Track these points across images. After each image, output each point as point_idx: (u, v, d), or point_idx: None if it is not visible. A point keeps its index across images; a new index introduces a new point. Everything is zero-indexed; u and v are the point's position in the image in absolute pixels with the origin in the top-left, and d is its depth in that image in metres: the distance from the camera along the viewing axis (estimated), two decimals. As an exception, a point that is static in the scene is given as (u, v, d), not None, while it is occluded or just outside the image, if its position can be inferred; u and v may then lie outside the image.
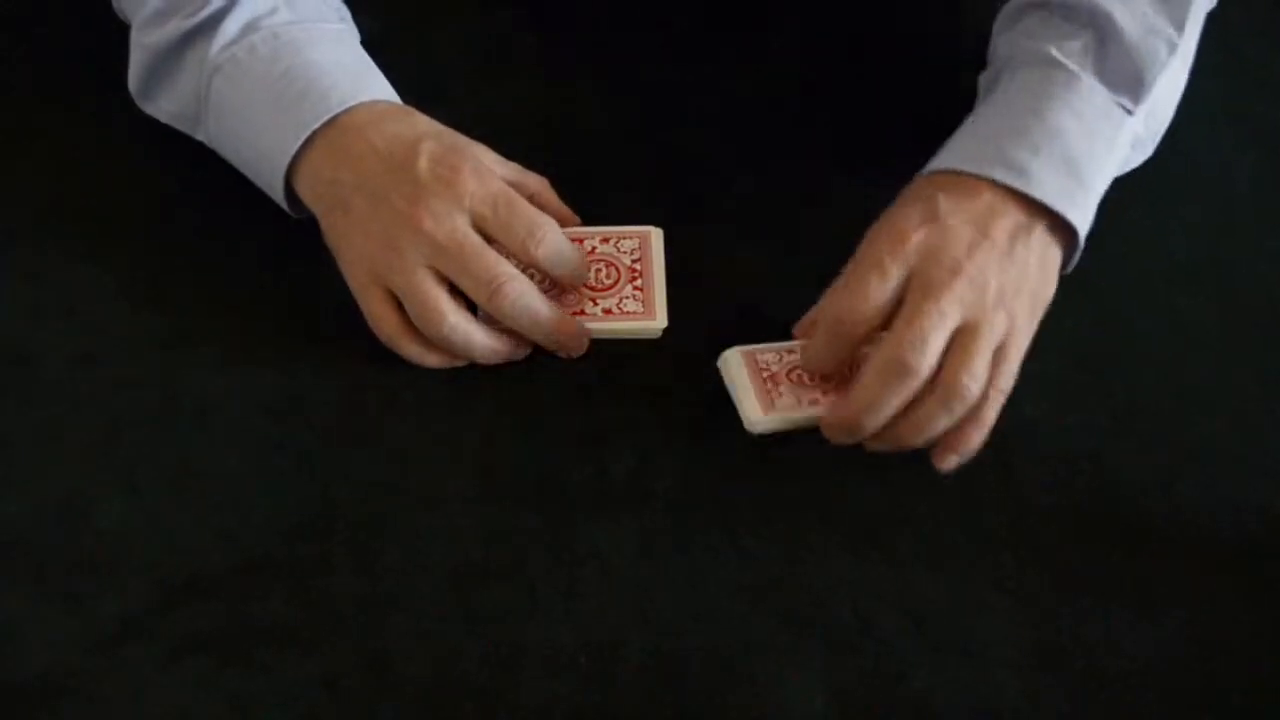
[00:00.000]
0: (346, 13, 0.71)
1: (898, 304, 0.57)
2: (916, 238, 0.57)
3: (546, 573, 0.58)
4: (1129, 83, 0.62)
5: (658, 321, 0.65)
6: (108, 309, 0.66)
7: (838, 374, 0.61)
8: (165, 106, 0.69)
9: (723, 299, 0.67)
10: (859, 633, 0.56)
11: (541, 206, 0.64)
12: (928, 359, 0.55)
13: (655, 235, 0.67)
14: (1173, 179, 0.73)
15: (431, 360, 0.63)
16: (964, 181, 0.59)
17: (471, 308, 0.62)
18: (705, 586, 0.58)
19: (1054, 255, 0.61)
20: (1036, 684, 0.55)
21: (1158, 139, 0.69)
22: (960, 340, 0.56)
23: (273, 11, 0.65)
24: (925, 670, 0.55)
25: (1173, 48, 0.62)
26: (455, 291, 0.61)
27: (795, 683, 0.55)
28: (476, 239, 0.60)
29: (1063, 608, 0.57)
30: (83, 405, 0.63)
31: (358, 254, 0.62)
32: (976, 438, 0.58)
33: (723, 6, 0.81)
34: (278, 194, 0.65)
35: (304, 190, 0.64)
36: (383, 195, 0.61)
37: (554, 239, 0.62)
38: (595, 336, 0.65)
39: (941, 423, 0.56)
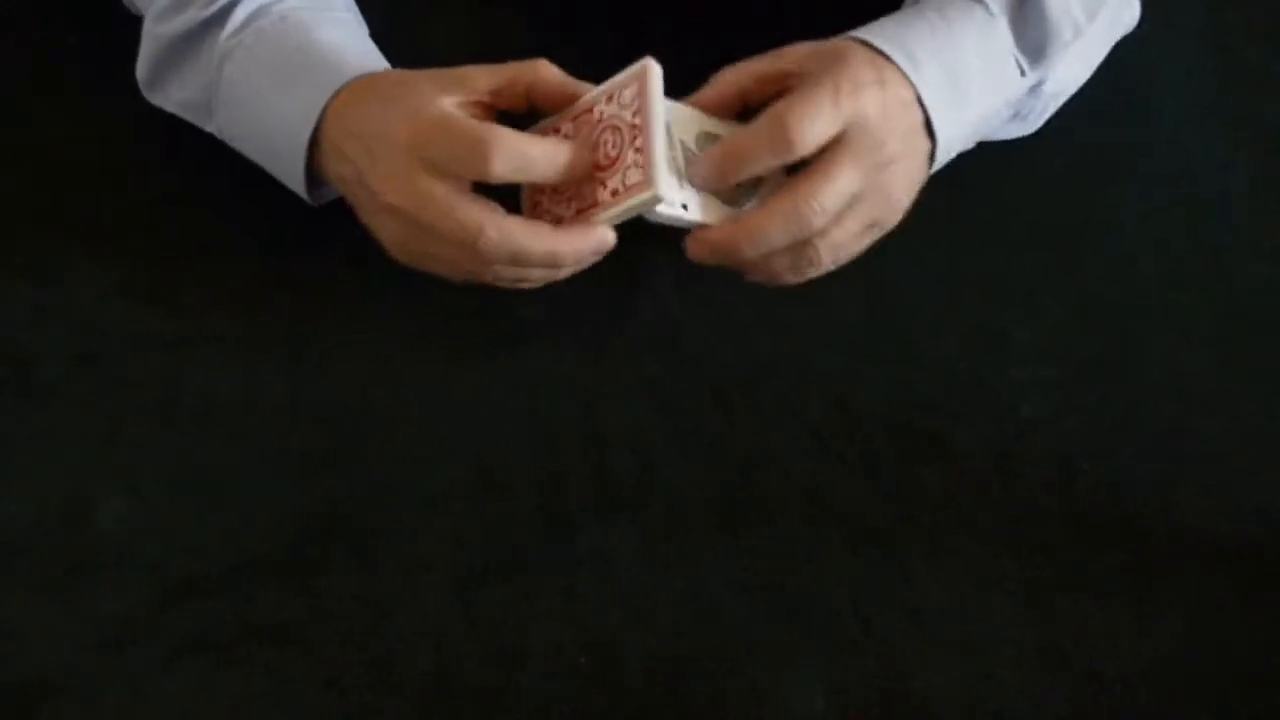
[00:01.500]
0: (354, 5, 0.70)
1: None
2: (868, 94, 0.59)
3: (546, 573, 0.58)
4: (1032, 47, 0.65)
5: (652, 191, 0.56)
6: (108, 309, 0.66)
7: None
8: (175, 95, 0.68)
9: (723, 298, 0.67)
10: (859, 632, 0.56)
11: (546, 93, 0.61)
12: (823, 221, 0.57)
13: (652, 71, 0.58)
14: (1172, 179, 0.73)
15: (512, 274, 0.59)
16: (889, 64, 0.61)
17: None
18: (705, 587, 0.58)
19: (927, 164, 0.63)
20: (1036, 684, 0.55)
21: (1043, 118, 0.70)
22: (846, 211, 0.58)
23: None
24: (925, 670, 0.55)
25: (1078, 33, 0.65)
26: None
27: (795, 683, 0.55)
28: (433, 192, 0.57)
29: (1063, 608, 0.57)
30: (83, 405, 0.63)
31: (383, 236, 0.61)
32: (786, 283, 0.61)
33: (723, 6, 0.81)
34: (297, 175, 0.63)
35: (328, 163, 0.62)
36: (367, 175, 0.59)
37: (506, 147, 0.56)
38: (620, 220, 0.58)
39: (786, 275, 0.60)
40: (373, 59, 0.65)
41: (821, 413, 0.63)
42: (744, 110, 0.62)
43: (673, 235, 0.68)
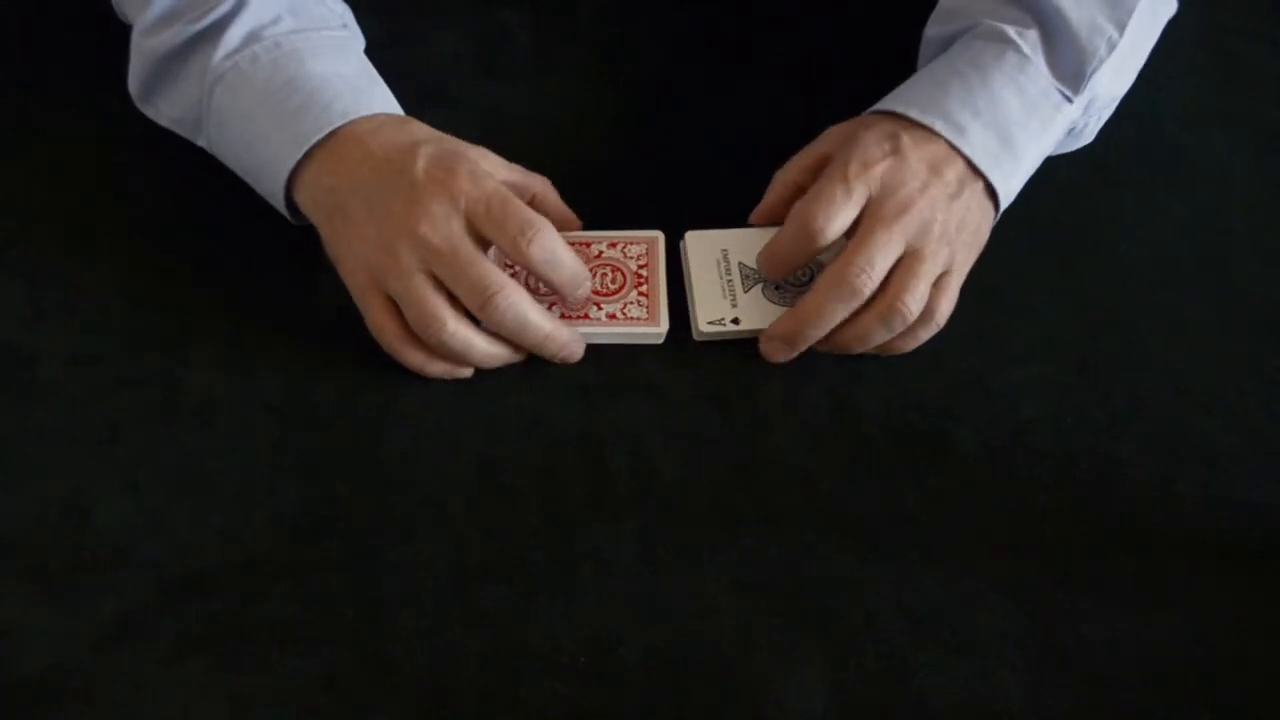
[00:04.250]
0: (350, 17, 0.70)
1: (855, 225, 0.62)
2: (881, 166, 0.62)
3: (546, 573, 0.58)
4: (1070, 74, 0.65)
5: (660, 327, 0.65)
6: (108, 309, 0.66)
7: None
8: (166, 111, 0.69)
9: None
10: (859, 632, 0.56)
11: (544, 208, 0.65)
12: (871, 281, 0.61)
13: (662, 241, 0.67)
14: (1171, 179, 0.74)
15: (434, 369, 0.63)
16: (917, 127, 0.64)
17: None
18: (705, 586, 0.58)
19: (989, 213, 0.65)
20: (1036, 684, 0.55)
21: (1098, 127, 0.71)
22: (905, 264, 0.61)
23: (276, 20, 0.65)
24: (925, 670, 0.55)
25: (1112, 46, 0.65)
26: (454, 298, 0.61)
27: (795, 683, 0.55)
28: (471, 246, 0.60)
29: (1063, 608, 0.57)
30: (83, 405, 0.63)
31: (356, 260, 0.62)
32: (907, 349, 0.65)
33: (723, 6, 0.81)
34: (278, 202, 0.65)
35: (303, 199, 0.64)
36: (380, 200, 0.61)
37: (547, 240, 0.61)
38: (599, 341, 0.65)
39: (879, 337, 0.63)
40: (364, 92, 0.65)
41: (821, 413, 0.63)
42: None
43: (672, 232, 0.68)
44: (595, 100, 0.76)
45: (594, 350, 0.65)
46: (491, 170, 0.63)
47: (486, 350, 0.62)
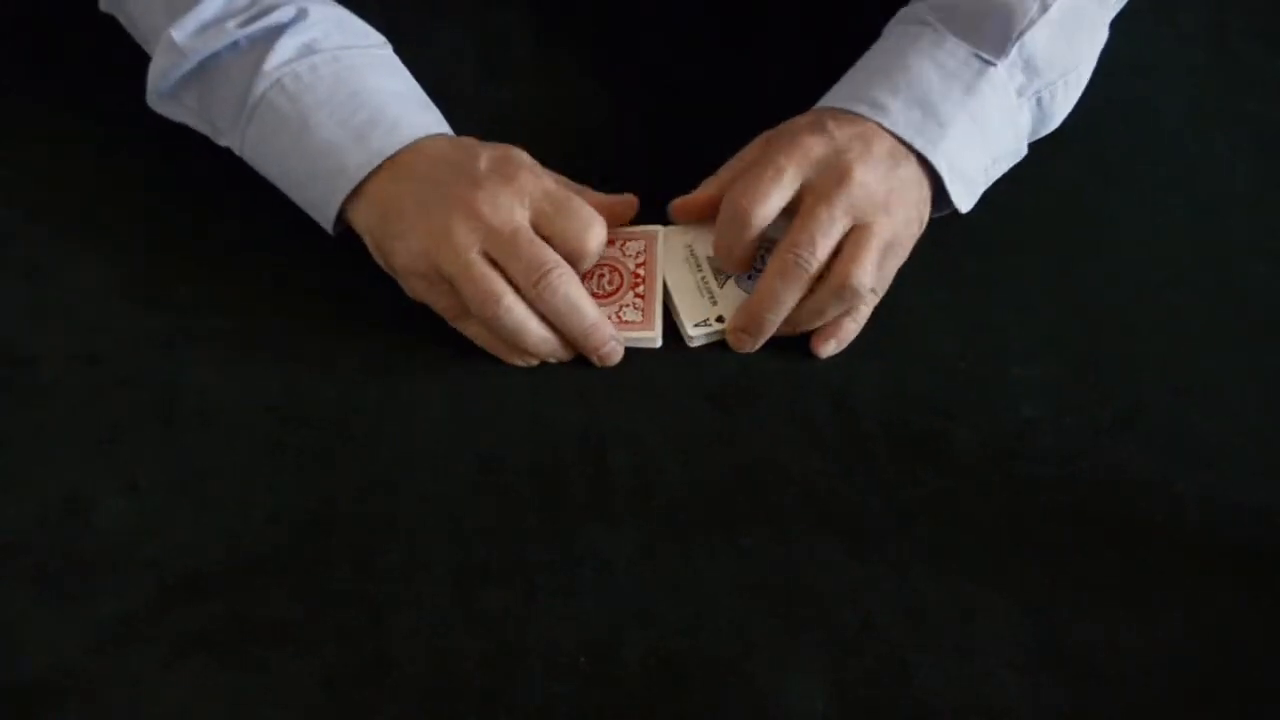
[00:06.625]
0: (384, 39, 0.71)
1: (791, 208, 0.63)
2: (811, 146, 0.63)
3: (546, 573, 0.58)
4: (994, 39, 0.66)
5: (654, 333, 0.64)
6: (108, 309, 0.66)
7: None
8: (188, 105, 0.68)
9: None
10: (859, 633, 0.56)
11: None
12: (816, 258, 0.62)
13: (661, 236, 0.67)
14: (1171, 180, 0.73)
15: (498, 350, 0.64)
16: (842, 113, 0.65)
17: None
18: (705, 587, 0.58)
19: (925, 187, 0.65)
20: (1036, 684, 0.55)
21: (1068, 105, 0.70)
22: (853, 238, 0.62)
23: (329, 35, 0.66)
24: (925, 670, 0.55)
25: (1045, 7, 0.65)
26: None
27: (795, 683, 0.55)
28: (530, 231, 0.61)
29: (1063, 608, 0.57)
30: (83, 405, 0.63)
31: (411, 253, 0.62)
32: (852, 328, 0.65)
33: (723, 5, 0.81)
34: (327, 213, 0.65)
35: (360, 209, 0.64)
36: (442, 190, 0.62)
37: (602, 235, 0.63)
38: None
39: (833, 310, 0.64)
40: (424, 112, 0.67)
41: (821, 413, 0.63)
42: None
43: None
44: (595, 99, 0.76)
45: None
46: (545, 175, 0.64)
47: (540, 333, 0.63)
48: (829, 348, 0.65)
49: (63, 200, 0.70)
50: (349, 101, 0.64)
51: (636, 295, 0.65)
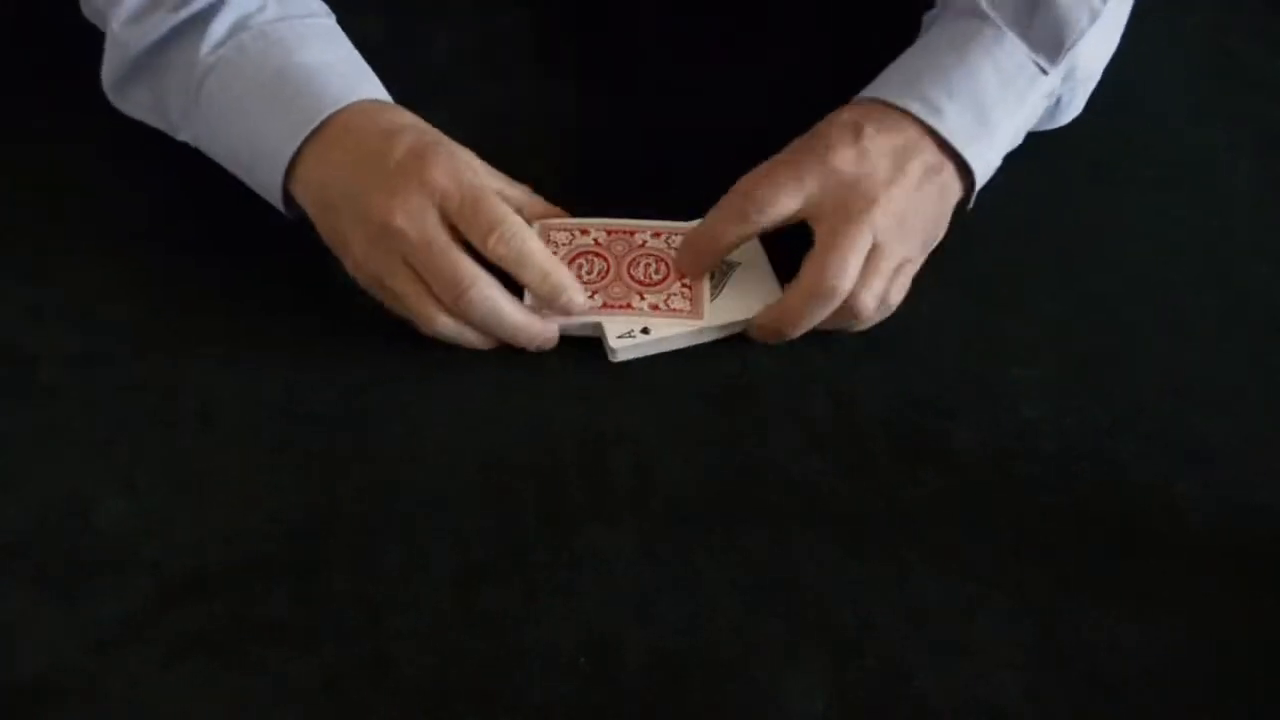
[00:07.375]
0: (326, 8, 0.70)
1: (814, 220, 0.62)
2: (840, 159, 0.62)
3: (546, 573, 0.58)
4: (1049, 45, 0.65)
5: (703, 322, 0.64)
6: (108, 309, 0.66)
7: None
8: (142, 101, 0.68)
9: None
10: (859, 633, 0.56)
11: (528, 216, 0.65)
12: (849, 281, 0.61)
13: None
14: (1171, 180, 0.74)
15: (469, 337, 0.63)
16: (889, 113, 0.64)
17: None
18: (705, 587, 0.58)
19: (953, 195, 0.65)
20: (1036, 684, 0.55)
21: (1081, 104, 0.70)
22: (868, 260, 0.62)
23: (261, 8, 0.65)
24: (925, 670, 0.55)
25: (1094, 16, 0.65)
26: None
27: (795, 683, 0.55)
28: (444, 238, 0.60)
29: (1063, 608, 0.57)
30: (83, 405, 0.63)
31: (354, 261, 0.62)
32: (857, 329, 0.65)
33: (723, 5, 0.81)
34: (274, 196, 0.65)
35: (299, 193, 0.64)
36: (361, 196, 0.61)
37: (517, 240, 0.61)
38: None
39: (839, 326, 0.64)
40: (351, 79, 0.65)
41: (821, 413, 0.63)
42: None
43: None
44: (595, 100, 0.76)
45: (594, 350, 0.65)
46: (480, 171, 0.63)
47: (473, 340, 0.63)
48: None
49: (62, 201, 0.70)
50: (274, 79, 0.63)
51: (684, 285, 0.65)
